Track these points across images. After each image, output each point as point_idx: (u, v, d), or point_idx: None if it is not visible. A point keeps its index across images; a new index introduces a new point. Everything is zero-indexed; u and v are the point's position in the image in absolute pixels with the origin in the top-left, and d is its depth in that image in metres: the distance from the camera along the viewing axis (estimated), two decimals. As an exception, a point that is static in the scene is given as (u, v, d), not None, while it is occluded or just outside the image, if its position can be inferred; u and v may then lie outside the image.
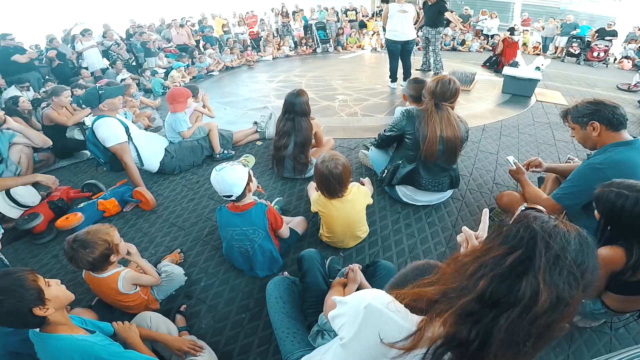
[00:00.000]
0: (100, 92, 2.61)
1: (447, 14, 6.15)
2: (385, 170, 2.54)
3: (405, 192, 2.49)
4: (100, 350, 1.17)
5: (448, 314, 0.67)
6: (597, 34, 8.60)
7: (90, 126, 2.65)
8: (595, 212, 1.41)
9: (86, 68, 6.60)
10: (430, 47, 6.22)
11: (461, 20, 9.33)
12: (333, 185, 1.92)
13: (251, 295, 1.92)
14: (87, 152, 3.65)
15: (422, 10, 6.32)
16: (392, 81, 5.81)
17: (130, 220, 2.59)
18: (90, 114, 3.48)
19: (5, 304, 1.05)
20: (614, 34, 8.47)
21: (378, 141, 2.62)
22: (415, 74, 5.90)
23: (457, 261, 0.76)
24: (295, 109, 2.73)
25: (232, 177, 1.76)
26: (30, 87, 5.13)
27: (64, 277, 2.10)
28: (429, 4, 5.88)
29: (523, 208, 1.00)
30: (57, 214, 2.55)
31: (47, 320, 1.14)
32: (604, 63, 8.30)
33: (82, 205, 2.60)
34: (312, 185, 2.47)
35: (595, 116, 1.68)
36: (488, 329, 0.63)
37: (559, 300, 0.61)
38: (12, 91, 4.90)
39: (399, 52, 5.42)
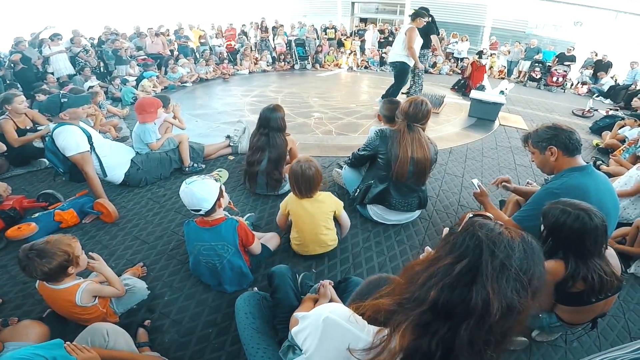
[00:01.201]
0: (62, 100, 2.50)
1: (432, 37, 6.05)
2: (358, 190, 2.58)
3: (376, 211, 2.53)
4: None
5: (404, 326, 0.67)
6: (557, 59, 9.19)
7: (50, 133, 2.52)
8: (542, 226, 1.52)
9: (52, 73, 6.31)
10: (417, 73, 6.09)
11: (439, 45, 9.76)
12: (304, 185, 2.01)
13: (219, 310, 1.86)
14: (45, 160, 3.44)
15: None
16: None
17: (90, 232, 2.46)
18: (43, 134, 3.32)
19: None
20: (572, 59, 9.09)
21: (351, 160, 2.66)
22: (401, 97, 5.91)
23: (409, 270, 0.77)
24: (271, 124, 2.72)
25: (202, 191, 1.72)
26: None
27: (11, 289, 1.98)
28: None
29: (471, 215, 1.03)
30: (8, 224, 2.38)
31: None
32: (561, 88, 8.86)
33: (36, 215, 2.44)
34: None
35: (553, 141, 1.77)
36: (448, 339, 0.64)
37: (510, 309, 0.63)
38: None
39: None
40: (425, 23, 5.48)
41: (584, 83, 9.01)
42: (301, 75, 9.34)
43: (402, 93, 6.26)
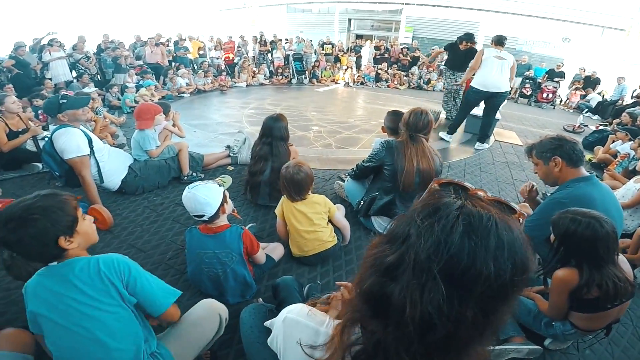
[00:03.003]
0: (61, 101, 2.44)
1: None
2: (362, 202, 2.54)
3: (380, 223, 2.49)
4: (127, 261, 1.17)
5: (344, 321, 0.60)
6: (547, 75, 9.40)
7: (49, 135, 2.44)
8: (552, 235, 1.52)
9: (50, 79, 6.29)
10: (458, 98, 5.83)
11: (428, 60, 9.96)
12: (294, 189, 2.03)
13: (220, 323, 1.76)
14: (38, 164, 3.36)
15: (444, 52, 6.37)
16: (448, 133, 5.05)
17: (82, 239, 2.36)
18: (31, 136, 3.29)
19: (37, 224, 1.01)
20: (561, 75, 9.31)
21: (356, 172, 2.63)
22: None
23: (366, 253, 0.62)
24: (274, 133, 2.70)
25: (205, 196, 1.67)
26: None
27: None
28: (462, 48, 5.56)
29: (436, 186, 0.74)
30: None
31: (65, 255, 1.10)
32: (551, 104, 9.04)
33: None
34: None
35: (557, 151, 1.79)
36: (385, 342, 0.54)
37: (432, 325, 0.47)
38: None
39: (478, 103, 4.82)
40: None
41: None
42: (298, 89, 9.43)
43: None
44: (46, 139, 2.57)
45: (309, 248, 2.12)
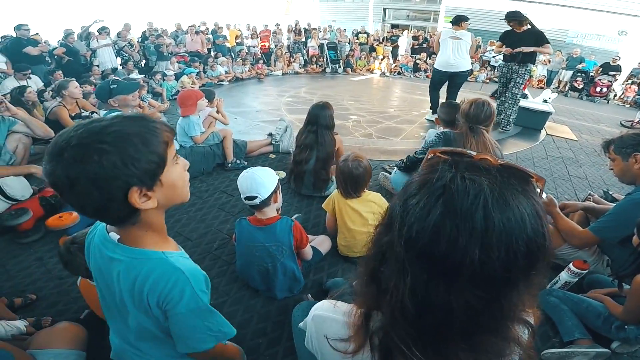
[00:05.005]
0: (112, 87, 2.47)
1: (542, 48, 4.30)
2: None
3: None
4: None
5: (357, 304, 0.58)
6: (601, 69, 8.74)
7: None
8: (635, 237, 1.42)
9: (97, 66, 6.54)
10: (508, 92, 4.71)
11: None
12: (352, 185, 1.90)
13: (268, 318, 1.71)
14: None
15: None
16: (433, 113, 5.09)
17: (132, 226, 2.39)
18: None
19: (103, 160, 0.63)
20: (618, 69, 8.64)
21: (406, 163, 2.50)
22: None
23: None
24: (320, 121, 2.60)
25: (262, 177, 1.62)
26: (36, 77, 5.07)
27: (45, 284, 1.86)
28: (517, 31, 4.35)
29: (430, 156, 0.54)
30: (48, 212, 2.31)
31: (134, 219, 0.74)
32: (605, 99, 8.44)
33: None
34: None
35: (639, 147, 1.67)
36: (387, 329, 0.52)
37: (421, 313, 0.46)
38: (11, 81, 4.78)
39: (442, 84, 4.82)
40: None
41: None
42: (333, 78, 9.29)
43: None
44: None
45: (359, 249, 2.00)
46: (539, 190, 0.48)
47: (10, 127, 2.70)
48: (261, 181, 1.61)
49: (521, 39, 4.31)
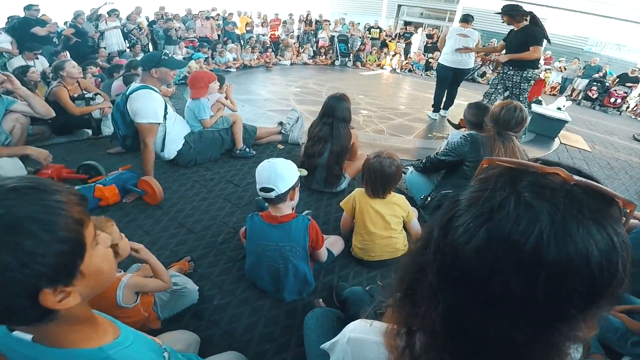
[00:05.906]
0: (163, 57, 2.37)
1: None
2: (429, 197, 2.27)
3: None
4: None
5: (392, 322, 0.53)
6: (617, 80, 8.56)
7: (125, 92, 2.35)
8: None
9: (105, 48, 6.42)
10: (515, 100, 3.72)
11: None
12: (381, 184, 1.79)
13: (276, 322, 1.58)
14: (88, 131, 3.31)
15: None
16: (434, 111, 5.12)
17: (130, 214, 2.22)
18: (99, 107, 3.27)
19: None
20: (636, 80, 8.46)
21: (425, 164, 2.35)
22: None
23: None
24: (336, 113, 2.44)
25: (283, 168, 1.49)
26: (42, 58, 4.99)
27: None
28: (515, 29, 3.76)
29: (486, 165, 0.46)
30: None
31: (52, 317, 0.53)
32: (618, 110, 8.28)
33: (76, 188, 2.24)
34: None
35: None
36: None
37: (451, 337, 0.42)
38: (18, 60, 4.66)
39: (449, 79, 4.77)
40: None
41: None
42: (341, 71, 9.14)
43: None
44: (121, 95, 2.47)
45: (377, 254, 1.87)
46: (625, 218, 0.37)
47: (9, 107, 2.56)
48: (282, 173, 1.48)
49: (512, 39, 3.76)
